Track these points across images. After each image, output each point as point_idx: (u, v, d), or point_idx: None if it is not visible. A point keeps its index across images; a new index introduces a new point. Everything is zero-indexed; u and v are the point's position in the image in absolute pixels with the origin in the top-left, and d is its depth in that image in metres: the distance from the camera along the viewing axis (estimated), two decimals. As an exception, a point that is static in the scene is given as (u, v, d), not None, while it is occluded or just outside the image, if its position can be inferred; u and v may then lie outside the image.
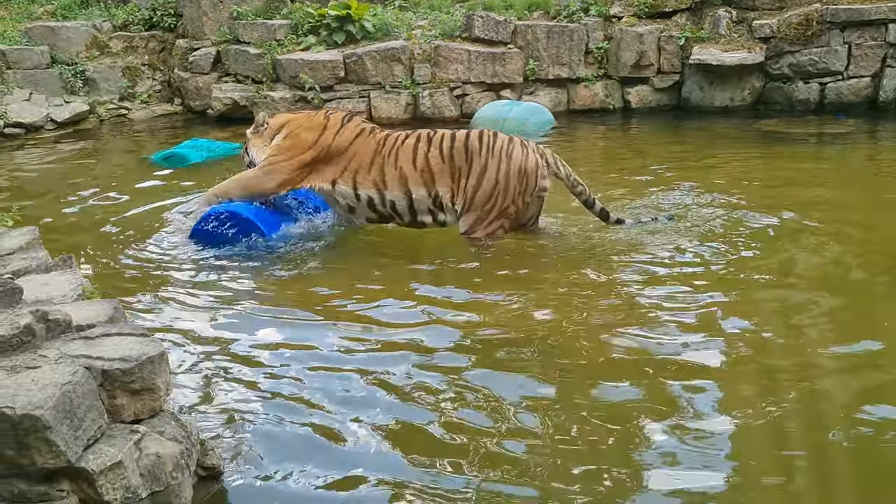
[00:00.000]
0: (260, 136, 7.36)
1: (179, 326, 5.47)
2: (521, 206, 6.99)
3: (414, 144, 7.06)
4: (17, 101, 13.55)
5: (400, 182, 6.99)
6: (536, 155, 6.96)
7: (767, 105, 12.98)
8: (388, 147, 7.09)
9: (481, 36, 13.47)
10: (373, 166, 7.05)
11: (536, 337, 5.14)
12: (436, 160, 6.96)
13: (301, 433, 4.14)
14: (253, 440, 4.06)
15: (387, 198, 7.03)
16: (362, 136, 7.16)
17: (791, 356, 4.85)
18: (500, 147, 6.91)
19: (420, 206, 7.02)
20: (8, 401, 2.88)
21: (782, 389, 4.47)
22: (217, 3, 14.72)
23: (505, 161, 6.85)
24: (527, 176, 6.88)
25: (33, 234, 5.09)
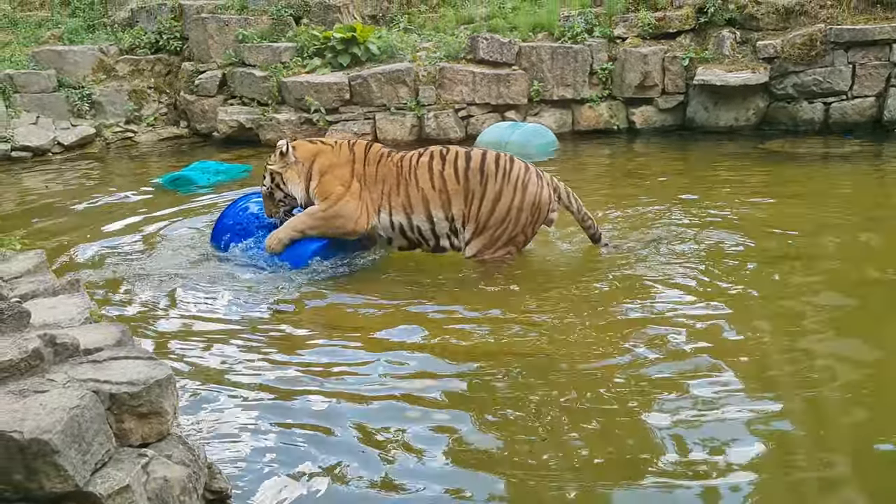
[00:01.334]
0: (293, 170, 7.12)
1: (187, 349, 5.47)
2: (529, 236, 7.05)
3: (429, 163, 7.04)
4: (24, 124, 13.62)
5: (423, 204, 6.98)
6: (550, 189, 7.00)
7: (772, 125, 12.99)
8: (405, 168, 7.08)
9: (486, 57, 13.52)
10: (399, 189, 7.05)
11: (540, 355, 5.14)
12: (451, 180, 6.94)
13: (310, 457, 4.12)
14: (261, 463, 4.05)
15: (414, 223, 7.04)
16: (383, 161, 7.17)
17: (792, 375, 4.85)
18: (517, 175, 6.89)
19: (440, 229, 7.03)
20: (16, 425, 2.87)
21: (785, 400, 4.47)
22: (223, 26, 14.80)
23: (520, 191, 6.86)
24: (539, 209, 6.92)
25: (40, 258, 5.10)
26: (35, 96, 14.09)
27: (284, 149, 7.15)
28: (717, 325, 5.57)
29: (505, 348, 5.32)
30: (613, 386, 4.73)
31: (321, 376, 5.02)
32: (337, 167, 7.08)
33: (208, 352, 5.43)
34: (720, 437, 4.14)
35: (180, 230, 8.43)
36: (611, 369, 4.96)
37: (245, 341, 5.59)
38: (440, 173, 6.97)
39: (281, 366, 5.20)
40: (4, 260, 5.06)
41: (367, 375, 5.01)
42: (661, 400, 4.53)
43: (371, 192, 7.05)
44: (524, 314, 5.91)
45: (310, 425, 4.43)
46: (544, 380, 4.85)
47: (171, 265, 7.21)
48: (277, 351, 5.43)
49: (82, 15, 16.91)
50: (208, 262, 7.25)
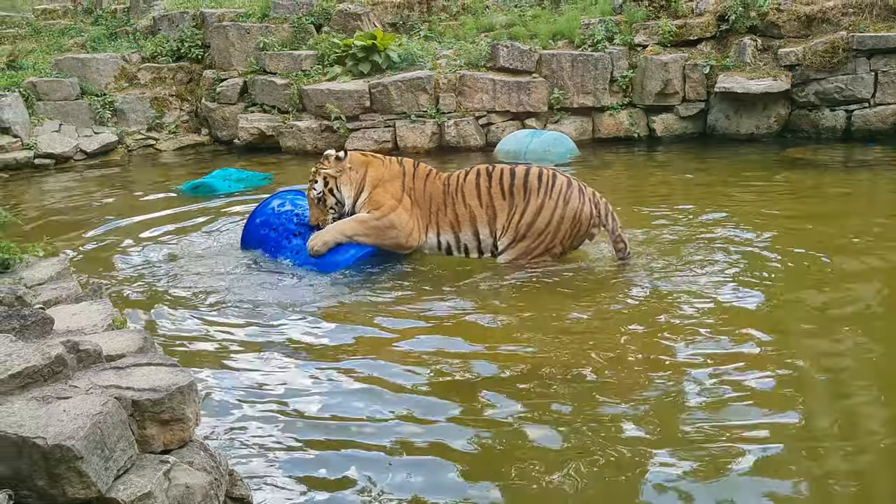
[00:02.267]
0: (347, 175, 7.15)
1: (208, 355, 5.49)
2: (565, 248, 7.12)
3: (476, 181, 7.15)
4: (47, 132, 13.71)
5: (470, 222, 7.10)
6: (591, 204, 7.06)
7: (794, 133, 12.93)
8: (452, 187, 7.18)
9: (506, 65, 13.53)
10: (447, 208, 7.15)
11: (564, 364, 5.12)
12: (497, 196, 7.06)
13: (331, 463, 4.12)
14: (282, 470, 4.06)
15: (461, 241, 7.15)
16: (430, 179, 7.26)
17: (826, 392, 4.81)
18: (559, 189, 7.00)
19: (485, 245, 7.15)
20: (40, 431, 2.89)
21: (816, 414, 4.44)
22: (244, 34, 14.87)
23: (562, 205, 6.96)
24: (580, 223, 7.01)
25: (63, 265, 5.13)
26: (58, 104, 14.19)
27: (342, 154, 7.18)
28: (744, 332, 5.54)
29: (546, 357, 5.31)
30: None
31: (346, 383, 5.02)
32: (388, 181, 7.13)
33: (230, 358, 5.44)
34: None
35: (201, 237, 8.45)
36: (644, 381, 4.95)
37: (267, 348, 5.60)
38: (487, 190, 7.08)
39: (305, 373, 5.19)
40: (28, 266, 5.09)
41: (394, 383, 4.99)
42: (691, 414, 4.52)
43: (420, 208, 7.14)
44: (553, 323, 5.91)
45: (334, 430, 4.43)
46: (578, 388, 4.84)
47: (192, 271, 7.24)
48: (301, 358, 5.44)
49: (105, 23, 17.05)
50: (231, 268, 7.27)
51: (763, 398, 4.64)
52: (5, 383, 3.17)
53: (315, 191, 7.14)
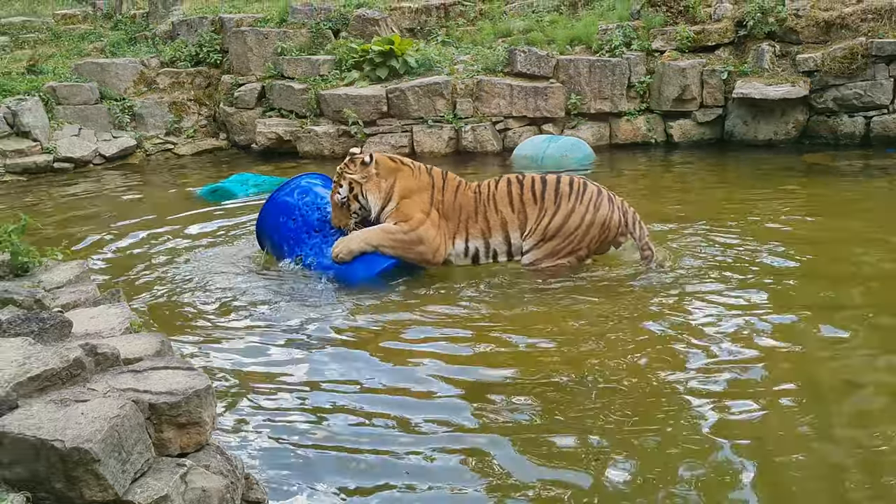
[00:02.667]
0: (373, 182, 7.07)
1: (225, 359, 5.50)
2: (590, 253, 7.20)
3: (507, 188, 7.21)
4: (66, 136, 13.79)
5: (502, 227, 7.15)
6: (620, 213, 7.14)
7: (812, 139, 12.86)
8: (484, 195, 7.23)
9: (523, 70, 13.53)
10: (478, 216, 7.19)
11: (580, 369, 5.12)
12: (529, 201, 7.14)
13: (348, 469, 4.13)
14: (297, 475, 4.07)
15: (491, 246, 7.18)
16: (461, 190, 7.28)
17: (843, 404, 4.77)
18: (590, 196, 7.11)
19: (515, 249, 7.20)
20: (58, 433, 2.91)
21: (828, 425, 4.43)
22: (262, 39, 14.93)
23: (592, 210, 7.05)
24: (608, 230, 7.10)
25: (82, 268, 5.16)
26: (77, 108, 14.27)
27: (368, 158, 7.10)
28: (762, 340, 5.53)
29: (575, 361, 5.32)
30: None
31: (363, 389, 5.03)
32: (417, 192, 7.12)
33: (247, 362, 5.45)
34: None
35: (218, 241, 8.49)
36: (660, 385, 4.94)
37: (284, 353, 5.61)
38: (519, 197, 7.16)
39: (321, 378, 5.21)
40: (47, 270, 5.13)
41: (410, 387, 5.00)
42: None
43: (448, 221, 7.16)
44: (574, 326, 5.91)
45: (350, 436, 4.44)
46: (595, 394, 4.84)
47: (210, 275, 7.27)
48: (318, 363, 5.44)
49: (124, 28, 17.14)
50: (248, 271, 7.30)
51: (776, 406, 4.63)
52: (24, 386, 3.19)
53: (339, 195, 7.05)
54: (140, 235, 8.95)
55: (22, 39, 16.82)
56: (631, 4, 14.42)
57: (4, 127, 13.19)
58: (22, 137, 13.30)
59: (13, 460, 2.93)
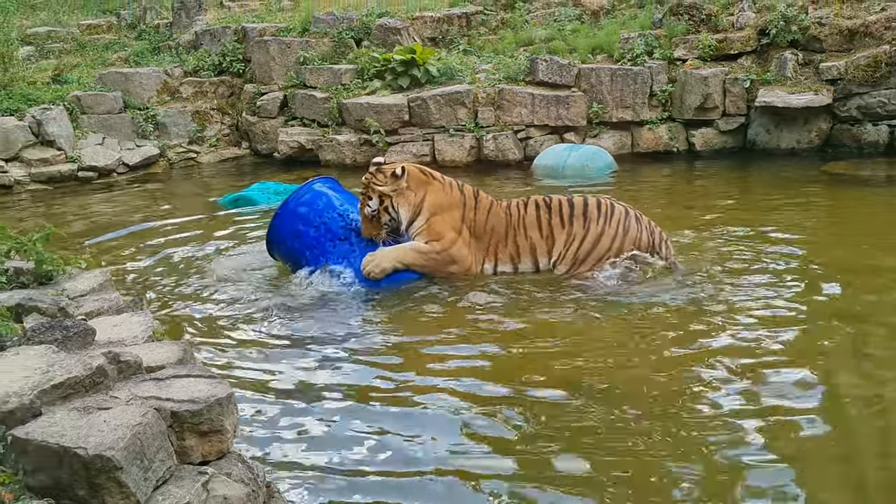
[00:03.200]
0: (404, 196, 7.05)
1: (246, 368, 5.51)
2: None
3: (536, 213, 7.22)
4: (90, 145, 13.89)
5: (530, 251, 7.18)
6: (648, 233, 7.17)
7: (835, 147, 12.78)
8: (514, 217, 7.24)
9: (545, 79, 13.53)
10: (508, 239, 7.20)
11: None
12: (557, 226, 7.16)
13: (371, 483, 4.12)
14: (318, 483, 4.07)
15: (519, 269, 7.21)
16: (493, 210, 7.28)
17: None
18: (618, 218, 7.13)
19: (544, 270, 7.21)
20: (81, 441, 2.92)
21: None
22: (284, 48, 15.01)
23: (622, 233, 7.10)
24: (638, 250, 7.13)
25: (105, 276, 5.20)
26: (101, 117, 14.38)
27: (399, 171, 7.07)
28: (785, 349, 5.50)
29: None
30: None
31: (387, 400, 5.01)
32: (448, 209, 7.13)
33: (269, 371, 5.46)
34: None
35: (240, 249, 8.52)
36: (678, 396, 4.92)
37: (307, 362, 5.61)
38: (547, 222, 7.17)
39: (344, 387, 5.20)
40: (71, 278, 5.16)
41: (430, 396, 4.99)
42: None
43: (479, 241, 7.17)
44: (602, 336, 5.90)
45: (372, 446, 4.43)
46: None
47: (233, 284, 7.29)
48: (341, 371, 5.44)
49: (148, 38, 17.27)
50: (271, 280, 7.32)
51: (795, 417, 4.60)
52: (47, 394, 3.21)
53: (369, 208, 7.01)
54: (162, 243, 8.99)
55: (47, 49, 16.97)
56: (653, 13, 14.41)
57: (30, 136, 13.31)
58: (47, 146, 13.40)
59: (36, 468, 2.95)
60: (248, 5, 18.82)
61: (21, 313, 4.37)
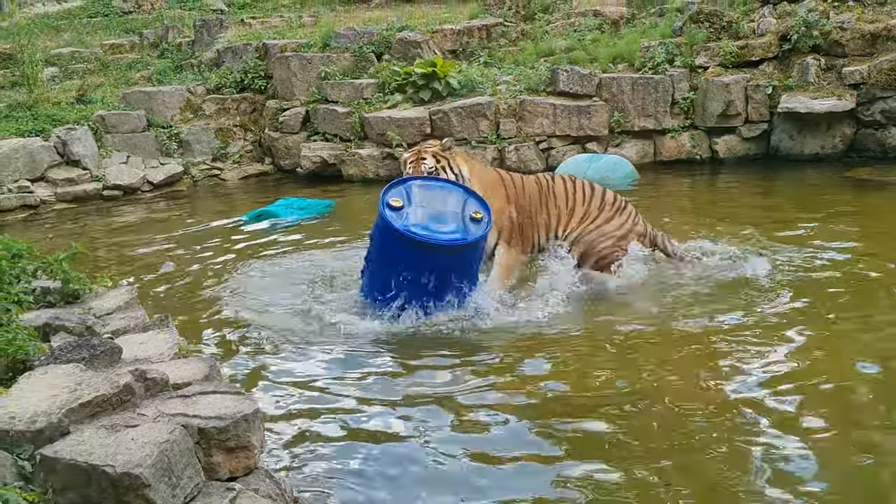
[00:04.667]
0: (456, 159, 7.07)
1: (273, 384, 5.53)
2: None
3: (564, 186, 7.46)
4: (115, 163, 14.01)
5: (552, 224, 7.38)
6: (651, 233, 7.51)
7: (859, 152, 12.66)
8: (544, 187, 7.43)
9: (566, 89, 13.52)
10: (542, 211, 7.35)
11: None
12: (579, 202, 7.41)
13: (396, 493, 4.12)
14: (346, 500, 4.07)
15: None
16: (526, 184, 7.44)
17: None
18: (630, 212, 7.45)
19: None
20: (109, 459, 2.94)
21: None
22: (305, 64, 15.07)
23: (630, 225, 7.37)
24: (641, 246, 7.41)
25: (131, 294, 5.24)
26: (126, 136, 14.50)
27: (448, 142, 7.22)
28: (812, 356, 5.48)
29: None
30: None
31: (417, 416, 5.01)
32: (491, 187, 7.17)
33: (296, 387, 5.47)
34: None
35: (265, 265, 8.55)
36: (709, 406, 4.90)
37: (333, 378, 5.61)
38: (573, 195, 7.40)
39: (370, 403, 5.20)
40: (97, 297, 5.21)
41: (467, 420, 4.98)
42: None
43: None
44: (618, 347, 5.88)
45: (399, 461, 4.43)
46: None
47: (260, 300, 7.32)
48: (367, 388, 5.44)
49: (171, 56, 17.40)
50: (297, 297, 7.32)
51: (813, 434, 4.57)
52: (76, 412, 3.24)
53: (426, 165, 6.91)
54: (188, 260, 9.05)
55: (71, 70, 17.12)
56: (673, 21, 14.37)
57: (55, 156, 13.44)
58: (72, 166, 13.53)
59: (65, 486, 2.97)
60: (268, 22, 18.92)
61: (48, 332, 4.41)
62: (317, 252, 8.94)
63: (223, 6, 22.26)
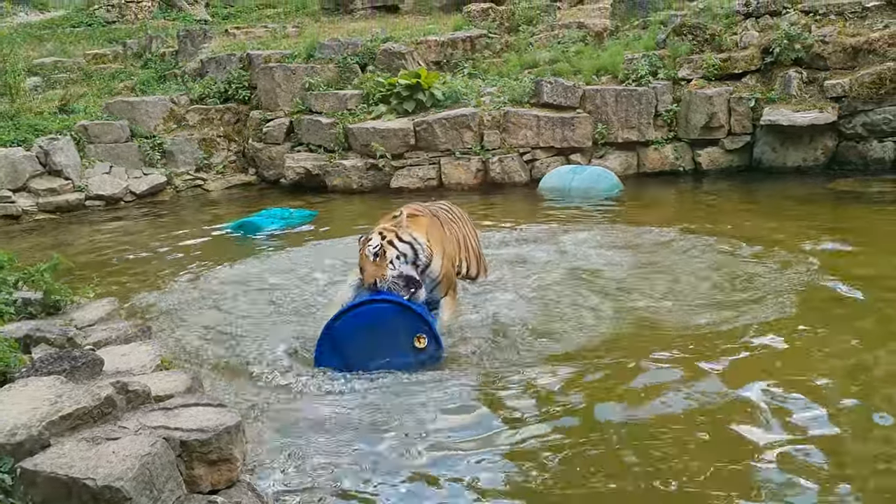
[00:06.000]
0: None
1: (256, 396, 5.49)
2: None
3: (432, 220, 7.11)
4: (97, 174, 13.96)
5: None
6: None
7: (841, 165, 12.73)
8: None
9: (550, 101, 13.55)
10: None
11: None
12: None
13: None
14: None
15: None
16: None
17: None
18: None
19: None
20: (89, 472, 2.92)
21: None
22: (290, 74, 15.07)
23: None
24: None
25: (113, 306, 5.21)
26: (108, 146, 14.45)
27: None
28: (788, 362, 5.49)
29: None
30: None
31: (406, 442, 4.96)
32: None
33: (278, 399, 5.44)
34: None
35: (251, 278, 8.52)
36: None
37: (320, 391, 5.59)
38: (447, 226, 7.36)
39: (350, 413, 5.19)
40: (79, 308, 5.18)
41: (463, 441, 4.97)
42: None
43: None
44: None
45: (382, 484, 4.41)
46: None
47: (241, 312, 7.29)
48: (354, 405, 5.39)
49: (154, 66, 17.37)
50: (279, 308, 7.31)
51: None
52: (56, 425, 3.21)
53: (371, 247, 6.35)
54: (170, 271, 9.01)
55: (53, 79, 17.08)
56: (657, 34, 14.44)
57: (37, 166, 13.39)
58: (54, 176, 13.47)
59: (46, 499, 2.95)
60: (252, 33, 18.93)
61: (29, 344, 4.38)
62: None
63: (207, 16, 22.28)
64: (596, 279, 7.71)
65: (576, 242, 9.10)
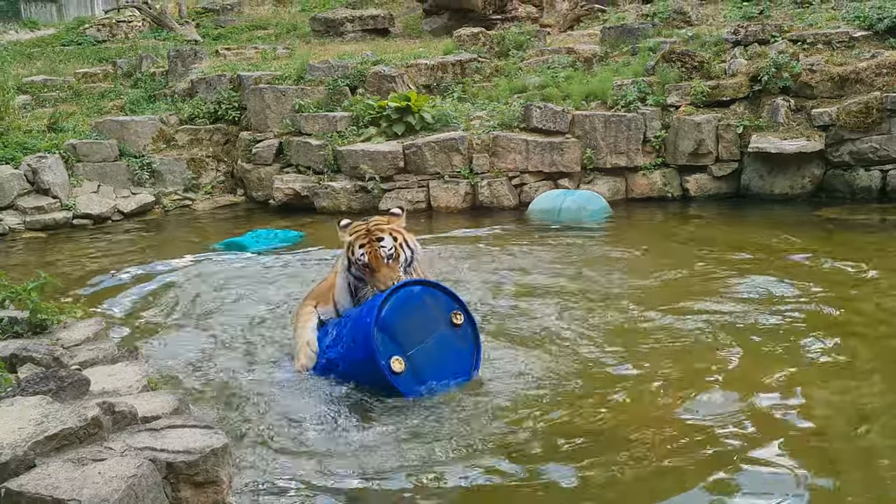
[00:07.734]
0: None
1: (244, 417, 5.47)
2: None
3: None
4: (85, 192, 13.93)
5: None
6: None
7: (828, 193, 12.80)
8: None
9: (539, 126, 13.60)
10: None
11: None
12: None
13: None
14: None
15: None
16: None
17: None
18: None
19: None
20: (75, 493, 2.90)
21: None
22: (280, 96, 15.10)
23: None
24: None
25: (100, 325, 5.19)
26: (97, 165, 14.44)
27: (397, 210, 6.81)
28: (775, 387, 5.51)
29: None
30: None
31: (398, 468, 4.88)
32: None
33: (266, 421, 5.41)
34: None
35: (237, 296, 8.51)
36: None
37: (307, 413, 5.56)
38: None
39: (339, 435, 5.17)
40: (65, 328, 5.15)
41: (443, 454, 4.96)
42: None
43: None
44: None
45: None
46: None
47: (231, 331, 7.27)
48: (342, 427, 5.38)
49: (144, 86, 17.39)
50: (267, 328, 7.29)
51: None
52: (42, 445, 3.19)
53: (384, 248, 6.13)
54: (157, 292, 8.98)
55: (43, 98, 17.08)
56: (646, 60, 14.53)
57: (25, 184, 13.36)
58: (41, 194, 13.44)
59: (30, 520, 2.92)
60: (243, 53, 18.99)
61: (15, 363, 4.36)
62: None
63: (198, 37, 22.33)
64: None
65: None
